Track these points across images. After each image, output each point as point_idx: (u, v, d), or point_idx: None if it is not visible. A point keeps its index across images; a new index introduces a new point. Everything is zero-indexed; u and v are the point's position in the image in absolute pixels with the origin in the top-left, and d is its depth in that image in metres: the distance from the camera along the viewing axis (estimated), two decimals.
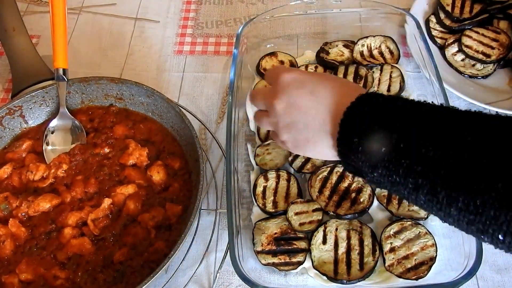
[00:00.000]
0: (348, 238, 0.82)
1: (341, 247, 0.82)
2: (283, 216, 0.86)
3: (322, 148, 0.67)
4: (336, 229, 0.83)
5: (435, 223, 0.85)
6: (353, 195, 0.87)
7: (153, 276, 0.74)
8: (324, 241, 0.82)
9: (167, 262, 0.76)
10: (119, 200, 0.88)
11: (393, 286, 0.79)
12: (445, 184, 0.52)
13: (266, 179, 0.90)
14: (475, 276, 0.78)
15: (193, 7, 1.30)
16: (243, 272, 0.75)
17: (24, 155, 0.96)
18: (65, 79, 0.98)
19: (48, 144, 0.98)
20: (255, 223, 0.86)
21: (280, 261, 0.81)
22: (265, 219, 0.86)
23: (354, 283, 0.78)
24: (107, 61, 1.19)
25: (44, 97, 1.00)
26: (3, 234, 0.84)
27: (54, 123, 0.99)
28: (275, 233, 0.84)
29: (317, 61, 1.09)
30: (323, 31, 1.17)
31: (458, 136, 0.53)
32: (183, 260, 0.86)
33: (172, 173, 0.93)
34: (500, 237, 0.49)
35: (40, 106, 1.01)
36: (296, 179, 0.91)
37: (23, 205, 0.87)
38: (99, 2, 1.31)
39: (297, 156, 0.93)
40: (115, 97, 1.03)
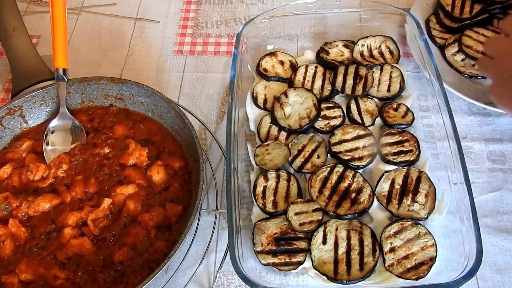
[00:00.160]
0: (348, 238, 0.82)
1: (341, 247, 0.82)
2: (283, 216, 0.86)
3: None
4: (336, 229, 0.83)
5: (435, 223, 0.85)
6: (353, 195, 0.87)
7: (153, 276, 0.74)
8: (324, 241, 0.82)
9: (167, 262, 0.76)
10: (119, 200, 0.88)
11: (393, 286, 0.79)
12: None
13: (266, 179, 0.90)
14: (475, 276, 0.78)
15: (193, 7, 1.30)
16: (243, 272, 0.75)
17: (24, 155, 0.97)
18: (65, 79, 0.98)
19: (48, 144, 0.98)
20: (255, 223, 0.86)
21: (280, 261, 0.81)
22: (265, 219, 0.86)
23: (354, 283, 0.78)
24: (107, 61, 1.19)
25: (44, 97, 1.00)
26: (3, 234, 0.84)
27: (54, 123, 0.99)
28: (275, 233, 0.84)
29: (317, 61, 1.09)
30: (323, 31, 1.17)
31: None
32: (183, 260, 0.86)
33: (172, 173, 0.93)
34: None
35: (40, 106, 1.01)
36: (296, 179, 0.91)
37: (23, 205, 0.87)
38: (99, 2, 1.31)
39: (297, 156, 0.93)
40: (115, 97, 1.03)
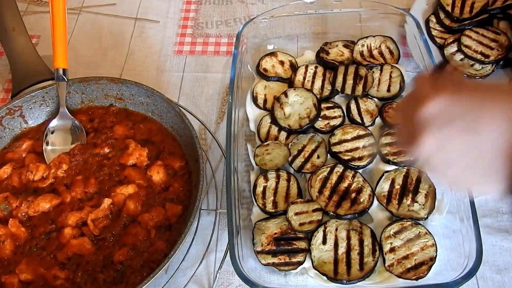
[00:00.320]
0: (348, 238, 0.82)
1: (341, 247, 0.82)
2: (283, 216, 0.86)
3: (492, 188, 0.56)
4: (336, 229, 0.83)
5: (435, 223, 0.85)
6: (353, 195, 0.87)
7: (153, 276, 0.74)
8: (324, 241, 0.82)
9: (167, 262, 0.76)
10: (119, 200, 0.88)
11: (393, 286, 0.79)
12: None
13: (266, 179, 0.90)
14: (475, 276, 0.78)
15: (193, 7, 1.30)
16: (243, 272, 0.75)
17: (24, 155, 0.96)
18: (65, 79, 0.98)
19: (48, 144, 0.98)
20: (255, 223, 0.86)
21: (280, 261, 0.81)
22: (265, 219, 0.86)
23: (354, 283, 0.78)
24: (107, 61, 1.19)
25: (44, 97, 1.00)
26: (3, 234, 0.84)
27: (54, 123, 0.99)
28: (275, 233, 0.84)
29: (317, 61, 1.09)
30: (323, 31, 1.17)
31: None
32: (183, 260, 0.86)
33: (172, 173, 0.93)
34: None
35: (40, 106, 1.01)
36: (296, 179, 0.91)
37: (23, 205, 0.87)
38: (99, 2, 1.31)
39: (296, 156, 0.93)
40: (115, 97, 1.03)
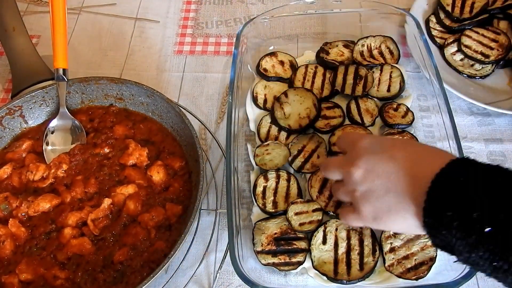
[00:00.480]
0: (348, 238, 0.82)
1: (341, 247, 0.82)
2: (283, 216, 0.86)
3: (405, 218, 0.60)
4: (336, 229, 0.83)
5: None
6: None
7: (153, 276, 0.74)
8: (324, 241, 0.82)
9: (167, 262, 0.76)
10: (119, 200, 0.88)
11: (393, 286, 0.79)
12: None
13: (266, 179, 0.90)
14: (475, 276, 0.78)
15: (193, 7, 1.30)
16: (243, 272, 0.75)
17: (24, 155, 0.96)
18: (65, 79, 0.98)
19: (48, 144, 0.98)
20: (255, 223, 0.86)
21: (280, 261, 0.81)
22: (265, 219, 0.86)
23: (354, 283, 0.78)
24: (107, 61, 1.19)
25: (44, 97, 1.00)
26: (3, 234, 0.84)
27: (54, 123, 0.99)
28: (275, 233, 0.84)
29: (317, 61, 1.09)
30: (323, 31, 1.17)
31: None
32: (183, 260, 0.86)
33: (172, 173, 0.93)
34: None
35: (40, 106, 1.01)
36: (296, 179, 0.91)
37: (23, 205, 0.87)
38: (99, 2, 1.31)
39: (296, 156, 0.93)
40: (115, 97, 1.03)
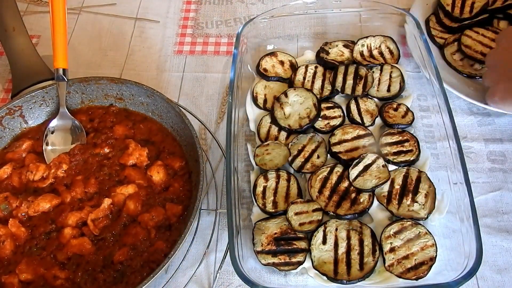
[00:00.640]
0: (348, 238, 0.82)
1: (341, 247, 0.82)
2: (283, 216, 0.86)
3: None
4: (336, 229, 0.83)
5: (435, 223, 0.85)
6: (353, 195, 0.87)
7: (153, 276, 0.74)
8: (324, 241, 0.82)
9: (167, 262, 0.76)
10: (119, 200, 0.88)
11: (393, 286, 0.79)
12: None
13: (266, 179, 0.90)
14: (475, 276, 0.78)
15: (193, 7, 1.30)
16: (243, 272, 0.75)
17: (24, 155, 0.96)
18: (65, 79, 0.98)
19: (48, 144, 0.98)
20: (255, 223, 0.86)
21: (280, 261, 0.81)
22: (265, 219, 0.86)
23: (354, 283, 0.78)
24: (107, 61, 1.19)
25: (44, 97, 1.00)
26: (3, 234, 0.84)
27: (54, 123, 0.99)
28: (275, 233, 0.84)
29: (317, 61, 1.09)
30: (323, 31, 1.17)
31: None
32: (183, 260, 0.86)
33: (172, 173, 0.93)
34: None
35: (40, 106, 1.01)
36: (296, 179, 0.91)
37: (23, 205, 0.87)
38: (99, 2, 1.31)
39: (296, 156, 0.93)
40: (115, 97, 1.03)
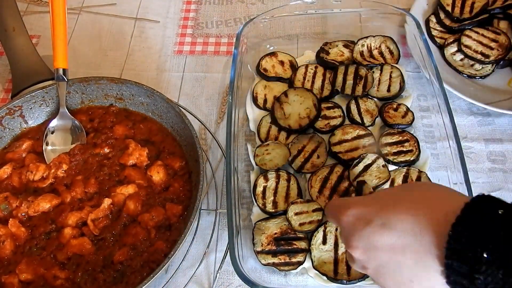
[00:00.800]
0: None
1: (341, 247, 0.82)
2: (283, 216, 0.86)
3: (430, 280, 0.52)
4: (336, 229, 0.83)
5: None
6: (353, 195, 0.87)
7: (153, 276, 0.74)
8: (324, 241, 0.82)
9: (167, 262, 0.76)
10: (119, 200, 0.88)
11: None
12: None
13: (266, 179, 0.90)
14: None
15: (193, 7, 1.30)
16: (243, 272, 0.75)
17: (24, 155, 0.96)
18: (65, 79, 0.98)
19: (48, 144, 0.98)
20: (255, 223, 0.86)
21: (280, 261, 0.81)
22: (265, 219, 0.86)
23: (354, 283, 0.78)
24: (107, 61, 1.19)
25: (44, 97, 1.00)
26: (3, 234, 0.84)
27: (54, 123, 0.99)
28: (275, 233, 0.84)
29: (317, 61, 1.09)
30: (323, 31, 1.17)
31: None
32: (183, 260, 0.86)
33: (172, 173, 0.93)
34: None
35: (40, 106, 1.01)
36: (296, 179, 0.91)
37: (23, 205, 0.87)
38: (99, 2, 1.31)
39: (296, 156, 0.93)
40: (115, 97, 1.03)
